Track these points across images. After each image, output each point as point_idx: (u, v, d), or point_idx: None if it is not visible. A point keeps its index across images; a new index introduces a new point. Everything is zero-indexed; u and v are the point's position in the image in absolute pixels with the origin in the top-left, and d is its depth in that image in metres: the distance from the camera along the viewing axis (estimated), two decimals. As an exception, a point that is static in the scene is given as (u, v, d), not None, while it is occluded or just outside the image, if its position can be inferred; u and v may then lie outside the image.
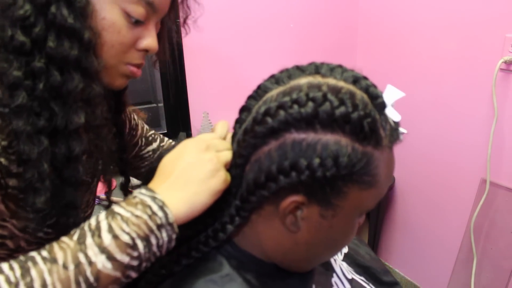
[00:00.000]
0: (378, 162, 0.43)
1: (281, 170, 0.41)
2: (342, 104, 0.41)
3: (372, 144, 0.42)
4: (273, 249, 0.49)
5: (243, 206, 0.47)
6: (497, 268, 1.50)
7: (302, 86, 0.43)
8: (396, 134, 0.45)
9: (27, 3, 0.47)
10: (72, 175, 0.53)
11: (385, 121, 0.44)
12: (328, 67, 0.46)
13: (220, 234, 0.49)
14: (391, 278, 0.67)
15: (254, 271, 0.50)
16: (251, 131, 0.44)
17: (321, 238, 0.46)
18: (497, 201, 1.45)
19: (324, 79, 0.44)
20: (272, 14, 1.70)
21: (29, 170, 0.49)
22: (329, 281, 0.57)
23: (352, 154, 0.41)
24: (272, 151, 0.42)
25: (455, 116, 1.54)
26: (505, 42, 1.30)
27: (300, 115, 0.41)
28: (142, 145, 0.84)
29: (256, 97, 0.48)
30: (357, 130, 0.41)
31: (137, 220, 0.42)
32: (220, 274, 0.48)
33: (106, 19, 0.52)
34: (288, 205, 0.43)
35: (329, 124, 0.41)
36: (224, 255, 0.50)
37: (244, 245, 0.51)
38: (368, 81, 0.45)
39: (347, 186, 0.42)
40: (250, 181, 0.45)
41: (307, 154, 0.41)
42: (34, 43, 0.48)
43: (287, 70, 0.48)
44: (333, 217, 0.44)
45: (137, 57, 0.59)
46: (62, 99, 0.50)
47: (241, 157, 0.46)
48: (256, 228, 0.49)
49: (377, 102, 0.43)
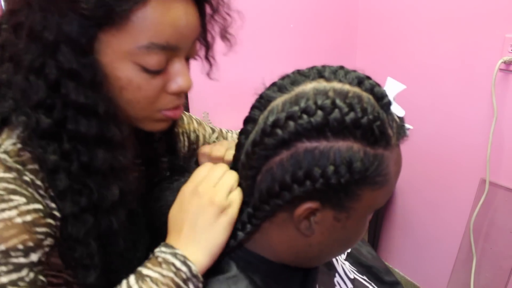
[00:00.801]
0: (388, 162, 0.43)
1: (295, 179, 0.41)
2: (352, 110, 0.41)
3: (383, 146, 0.42)
4: (285, 251, 0.49)
5: (255, 214, 0.47)
6: (496, 268, 1.50)
7: (308, 94, 0.43)
8: (403, 130, 0.45)
9: (40, 84, 0.45)
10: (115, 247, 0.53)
11: (392, 119, 0.44)
12: (330, 69, 0.46)
13: (231, 241, 0.49)
14: (393, 278, 0.68)
15: (261, 271, 0.50)
16: (260, 143, 0.43)
17: (334, 238, 0.47)
18: (497, 201, 1.46)
19: (329, 83, 0.44)
20: (272, 15, 1.70)
21: (78, 249, 0.49)
22: (332, 281, 0.58)
23: (364, 158, 0.41)
24: (284, 161, 0.42)
25: (454, 116, 1.54)
26: (504, 42, 1.30)
27: (310, 125, 0.40)
28: None
29: (260, 107, 0.46)
30: (368, 135, 0.41)
31: (164, 279, 0.45)
32: (226, 275, 0.48)
33: (122, 78, 0.48)
34: (302, 212, 0.43)
35: (340, 131, 0.41)
36: (233, 258, 0.50)
37: (253, 248, 0.51)
38: (371, 80, 0.45)
39: (360, 189, 0.43)
40: (263, 190, 0.44)
41: (320, 163, 0.41)
42: (58, 124, 0.47)
43: (288, 76, 0.47)
44: (347, 219, 0.45)
45: (171, 100, 0.53)
46: (94, 176, 0.49)
47: (252, 169, 0.45)
48: (267, 235, 0.49)
49: (383, 103, 0.44)
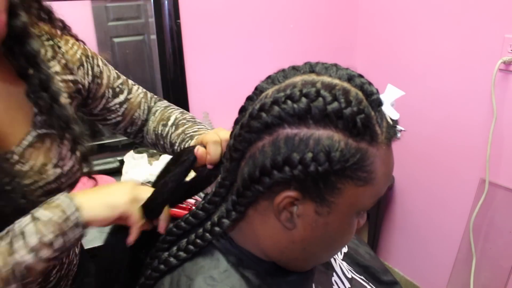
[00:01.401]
0: (373, 159, 0.43)
1: (275, 165, 0.42)
2: (335, 100, 0.41)
3: (367, 140, 0.42)
4: (270, 247, 0.49)
5: (239, 200, 0.48)
6: (496, 268, 1.50)
7: (297, 83, 0.44)
8: (393, 131, 0.45)
9: None
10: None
11: (380, 118, 0.44)
12: (323, 66, 0.47)
13: (216, 229, 0.50)
14: (391, 278, 0.68)
15: (253, 269, 0.50)
16: (246, 125, 0.45)
17: (317, 236, 0.46)
18: (496, 201, 1.46)
19: (319, 77, 0.45)
20: (272, 15, 1.70)
21: None
22: (330, 280, 0.58)
23: (344, 149, 0.41)
24: (266, 146, 0.43)
25: (454, 116, 1.54)
26: (504, 43, 1.31)
27: (293, 110, 0.41)
28: (109, 97, 0.78)
29: (254, 97, 0.49)
30: (350, 126, 0.41)
31: (57, 220, 0.52)
32: (218, 270, 0.49)
33: None
34: (282, 200, 0.44)
35: (321, 119, 0.41)
36: (221, 251, 0.51)
37: (242, 242, 0.51)
38: (363, 78, 0.46)
39: (341, 182, 0.43)
40: (245, 175, 0.45)
41: (299, 149, 0.41)
42: None
43: (283, 70, 0.49)
44: (329, 214, 0.44)
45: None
46: None
47: (236, 151, 0.46)
48: (253, 224, 0.49)
49: (372, 99, 0.44)
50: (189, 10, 1.54)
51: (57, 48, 0.68)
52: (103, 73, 0.77)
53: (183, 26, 1.54)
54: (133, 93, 0.82)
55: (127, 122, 0.81)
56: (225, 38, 1.65)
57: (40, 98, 0.62)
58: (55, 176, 0.65)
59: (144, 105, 0.82)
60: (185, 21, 1.55)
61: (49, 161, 0.65)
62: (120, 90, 0.79)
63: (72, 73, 0.70)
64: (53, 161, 0.65)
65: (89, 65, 0.74)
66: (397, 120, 0.46)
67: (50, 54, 0.67)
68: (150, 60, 1.66)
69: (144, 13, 1.61)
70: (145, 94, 0.84)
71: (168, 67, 1.57)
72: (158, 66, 1.58)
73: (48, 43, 0.68)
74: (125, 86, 0.81)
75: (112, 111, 0.79)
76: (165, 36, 1.53)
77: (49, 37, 0.68)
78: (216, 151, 0.57)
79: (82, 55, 0.73)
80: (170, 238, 0.55)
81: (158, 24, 1.51)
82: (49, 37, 0.68)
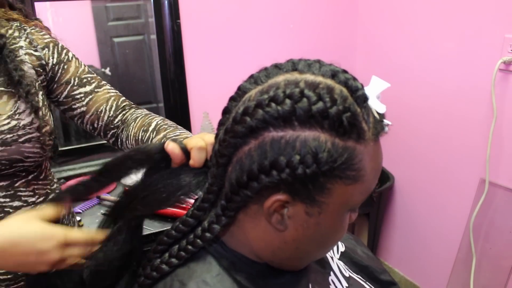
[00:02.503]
0: (362, 156, 0.42)
1: (262, 169, 0.41)
2: (320, 99, 0.40)
3: (354, 138, 0.41)
4: (262, 248, 0.49)
5: (228, 206, 0.47)
6: (496, 268, 1.50)
7: (280, 84, 0.43)
8: (380, 126, 0.44)
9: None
10: None
11: (367, 114, 0.43)
12: (305, 63, 0.46)
13: (207, 234, 0.49)
14: (389, 278, 0.68)
15: (245, 271, 0.50)
16: (231, 130, 0.44)
17: (309, 235, 0.46)
18: (496, 201, 1.46)
19: (302, 75, 0.44)
20: (272, 15, 1.70)
21: None
22: (326, 280, 0.58)
23: (332, 149, 0.40)
24: (252, 150, 0.42)
25: (454, 116, 1.54)
26: (504, 43, 1.31)
27: (277, 113, 0.41)
28: (75, 85, 0.82)
29: (237, 98, 0.48)
30: (336, 125, 0.40)
31: None
32: (211, 274, 0.48)
33: None
34: (271, 204, 0.43)
35: (307, 120, 0.40)
36: (214, 255, 0.50)
37: (234, 245, 0.51)
38: (347, 74, 0.45)
39: (330, 182, 0.42)
40: (233, 181, 0.45)
41: (286, 152, 0.41)
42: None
43: (265, 69, 0.48)
44: (320, 214, 0.44)
45: None
46: None
47: (222, 157, 0.46)
48: (243, 228, 0.49)
49: (357, 95, 0.43)
50: (189, 10, 1.55)
51: (22, 29, 0.78)
52: (71, 62, 0.83)
53: (183, 26, 1.54)
54: (103, 89, 0.85)
55: (92, 114, 0.83)
56: (225, 38, 1.65)
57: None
58: (9, 127, 0.70)
59: (112, 102, 0.83)
60: (185, 21, 1.55)
61: (5, 113, 0.71)
62: (88, 81, 0.83)
63: (36, 50, 0.78)
64: (9, 113, 0.71)
65: (56, 50, 0.81)
66: (384, 113, 0.45)
67: (16, 34, 0.77)
68: (150, 60, 1.66)
69: (144, 13, 1.61)
70: (118, 96, 0.86)
71: (168, 67, 1.57)
72: (158, 66, 1.58)
73: (14, 24, 0.78)
74: (95, 81, 0.85)
75: (76, 99, 0.83)
76: (165, 36, 1.54)
77: (15, 21, 0.78)
78: (200, 157, 0.53)
79: (51, 42, 0.81)
80: (161, 247, 0.54)
81: (158, 24, 1.52)
82: (14, 20, 0.78)
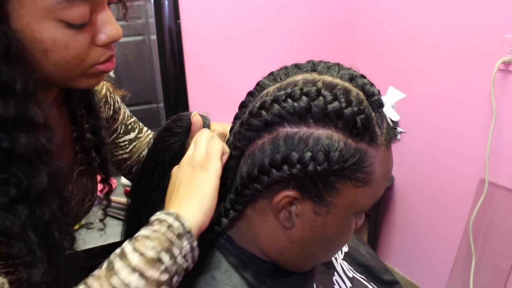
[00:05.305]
0: (372, 160, 0.43)
1: (273, 163, 0.42)
2: (336, 99, 0.41)
3: (366, 141, 0.42)
4: (269, 246, 0.49)
5: (237, 199, 0.47)
6: (495, 268, 1.50)
7: (298, 82, 0.44)
8: (393, 132, 0.45)
9: None
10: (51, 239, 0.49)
11: (381, 119, 0.44)
12: (325, 65, 0.47)
13: (215, 227, 0.50)
14: (391, 277, 0.68)
15: (253, 269, 0.50)
16: (246, 123, 0.44)
17: (315, 236, 0.46)
18: (496, 201, 1.46)
19: (320, 76, 0.45)
20: (272, 15, 1.70)
21: (15, 245, 0.45)
22: (331, 280, 0.58)
23: (344, 149, 0.41)
24: (265, 144, 0.43)
25: (454, 116, 1.55)
26: (503, 43, 1.31)
27: (293, 109, 0.41)
28: (121, 133, 0.79)
29: (255, 93, 0.49)
30: (349, 126, 0.41)
31: (156, 234, 0.43)
32: (220, 270, 0.49)
33: (45, 40, 0.44)
34: (280, 199, 0.44)
35: (321, 118, 0.41)
36: (222, 252, 0.51)
37: (242, 242, 0.51)
38: (365, 79, 0.46)
39: (339, 182, 0.42)
40: (244, 174, 0.45)
41: (298, 148, 0.41)
42: None
43: (285, 67, 0.49)
44: (327, 214, 0.44)
45: (103, 53, 0.50)
46: (18, 163, 0.45)
47: (236, 149, 0.46)
48: (251, 224, 0.49)
49: (373, 100, 0.44)
50: (189, 10, 1.54)
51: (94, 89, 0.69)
52: (121, 110, 0.79)
53: (183, 26, 1.54)
54: (143, 133, 0.83)
55: (134, 160, 0.81)
56: (225, 38, 1.65)
57: (88, 141, 0.65)
58: (86, 210, 0.67)
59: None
60: (185, 21, 1.55)
61: (86, 196, 0.67)
62: (132, 128, 0.81)
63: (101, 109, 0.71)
64: (89, 196, 0.68)
65: (112, 100, 0.76)
66: (398, 122, 0.46)
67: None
68: (150, 60, 1.66)
69: (144, 13, 1.61)
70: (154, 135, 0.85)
71: (168, 67, 1.57)
72: (158, 66, 1.58)
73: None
74: (137, 125, 0.83)
75: (120, 147, 0.80)
76: (165, 36, 1.53)
77: None
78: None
79: (107, 90, 0.75)
80: None
81: (158, 24, 1.51)
82: None
